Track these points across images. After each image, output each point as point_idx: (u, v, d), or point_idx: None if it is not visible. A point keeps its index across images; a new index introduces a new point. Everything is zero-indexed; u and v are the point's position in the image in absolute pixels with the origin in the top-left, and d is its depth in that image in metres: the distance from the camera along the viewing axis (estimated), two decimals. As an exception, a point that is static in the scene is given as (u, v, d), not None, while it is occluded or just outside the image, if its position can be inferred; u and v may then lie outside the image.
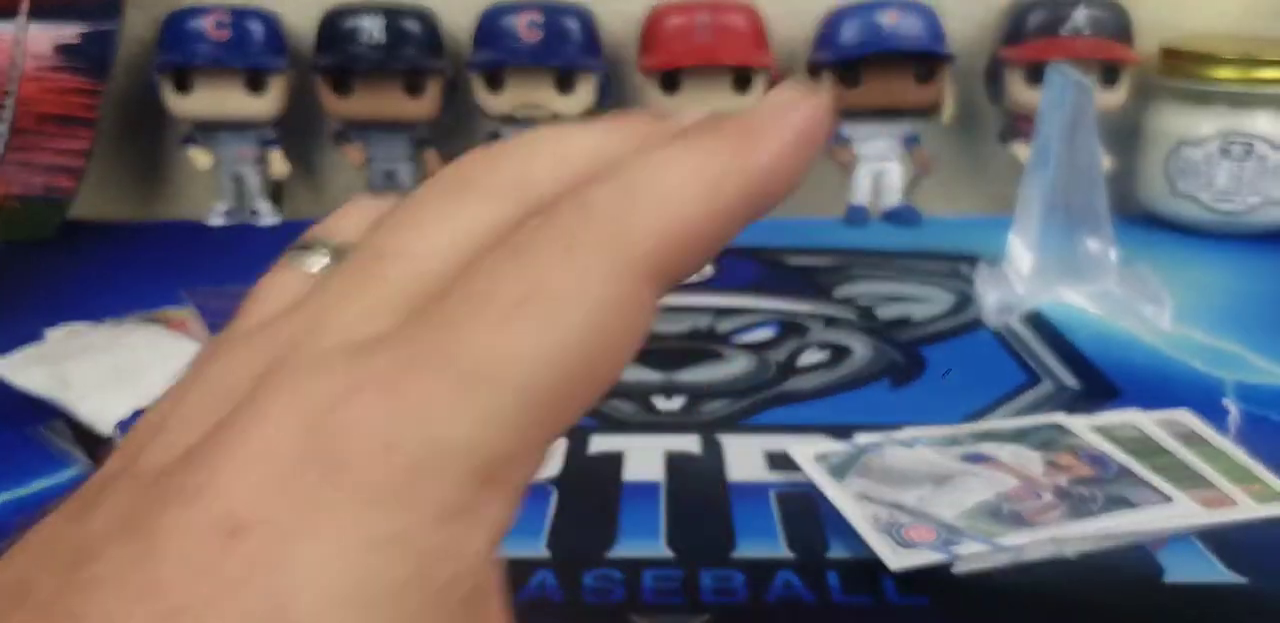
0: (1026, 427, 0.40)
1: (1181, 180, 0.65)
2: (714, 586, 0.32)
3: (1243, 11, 0.73)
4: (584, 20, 0.68)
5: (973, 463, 0.37)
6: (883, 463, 0.37)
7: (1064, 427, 0.39)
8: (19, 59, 0.65)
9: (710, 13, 0.66)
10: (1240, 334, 0.50)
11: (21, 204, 0.66)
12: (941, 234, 0.66)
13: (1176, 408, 0.41)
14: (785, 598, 0.31)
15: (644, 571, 0.32)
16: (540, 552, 0.33)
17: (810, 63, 0.69)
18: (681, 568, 0.33)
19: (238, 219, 0.70)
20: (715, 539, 0.34)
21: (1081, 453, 0.37)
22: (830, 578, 0.32)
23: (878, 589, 0.31)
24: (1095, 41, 0.67)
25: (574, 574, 0.32)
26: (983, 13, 0.72)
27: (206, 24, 0.66)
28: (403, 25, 0.67)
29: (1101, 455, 0.37)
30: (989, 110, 0.73)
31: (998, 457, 0.37)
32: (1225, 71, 0.63)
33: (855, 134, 0.69)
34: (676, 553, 0.33)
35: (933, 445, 0.38)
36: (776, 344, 0.50)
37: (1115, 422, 0.40)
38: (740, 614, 0.31)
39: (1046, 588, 0.32)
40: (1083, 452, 0.37)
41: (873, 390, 0.46)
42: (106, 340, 0.44)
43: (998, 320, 0.52)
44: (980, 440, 0.38)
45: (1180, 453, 0.37)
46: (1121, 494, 0.35)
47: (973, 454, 0.37)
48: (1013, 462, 0.37)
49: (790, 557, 0.33)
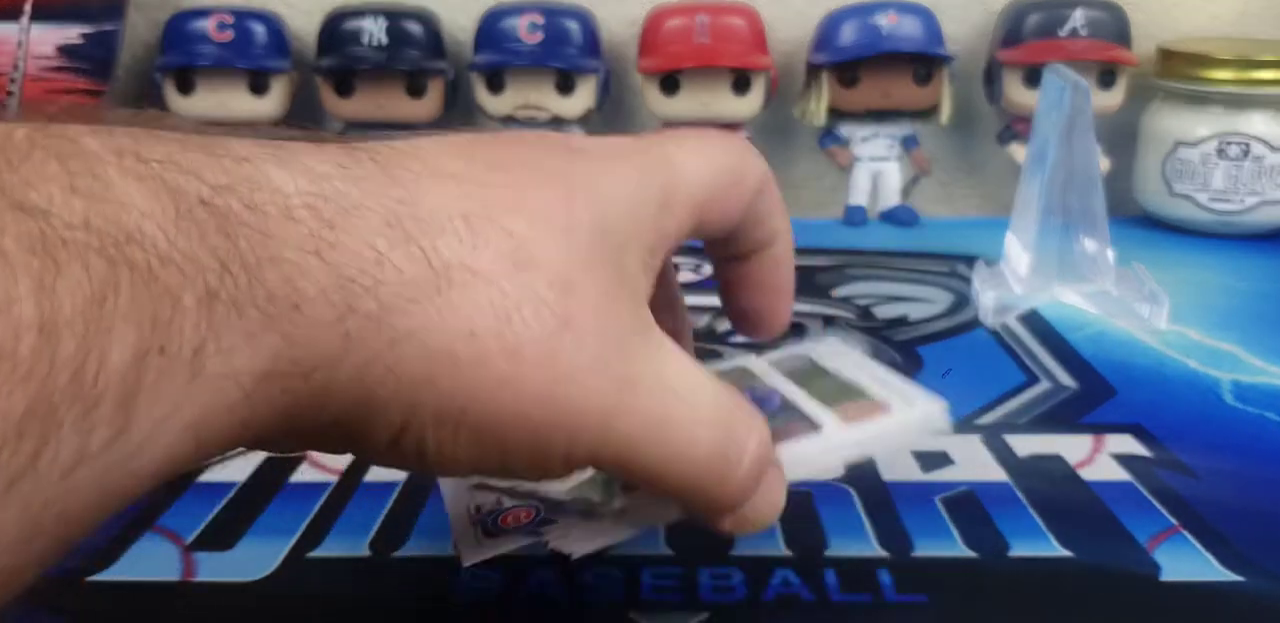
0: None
1: (1178, 181, 0.65)
2: (712, 584, 0.32)
3: (1239, 14, 0.73)
4: (584, 22, 0.68)
5: None
6: None
7: (748, 369, 0.35)
8: (22, 60, 0.65)
9: (710, 14, 0.67)
10: (1237, 334, 0.50)
11: (24, 205, 0.66)
12: (939, 234, 0.66)
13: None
14: (783, 596, 0.31)
15: (643, 569, 0.33)
16: (540, 550, 0.33)
17: (809, 64, 0.69)
18: (680, 566, 0.33)
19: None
20: (714, 537, 0.34)
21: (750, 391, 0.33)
22: (828, 576, 0.32)
23: (876, 588, 0.32)
24: (1092, 43, 0.67)
25: (574, 572, 0.32)
26: (980, 14, 0.72)
27: (209, 25, 0.67)
28: (404, 27, 0.67)
29: (771, 392, 0.33)
30: (987, 111, 0.73)
31: None
32: (1222, 73, 0.63)
33: (854, 135, 0.70)
34: (675, 551, 0.34)
35: None
36: (775, 344, 0.50)
37: (788, 354, 0.36)
38: (738, 612, 0.31)
39: (1043, 587, 0.32)
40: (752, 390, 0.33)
41: (871, 390, 0.46)
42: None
43: (995, 320, 0.52)
44: None
45: (840, 374, 0.33)
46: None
47: None
48: None
49: (788, 555, 0.33)
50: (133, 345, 0.16)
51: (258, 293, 0.18)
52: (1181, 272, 0.58)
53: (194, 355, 0.17)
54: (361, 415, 0.20)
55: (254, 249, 0.18)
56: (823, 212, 0.75)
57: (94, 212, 0.17)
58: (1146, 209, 0.68)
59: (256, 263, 0.18)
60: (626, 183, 0.24)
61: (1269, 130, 0.63)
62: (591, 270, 0.22)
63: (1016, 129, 0.69)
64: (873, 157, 0.70)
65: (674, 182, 0.25)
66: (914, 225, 0.68)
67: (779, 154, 0.75)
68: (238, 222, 0.18)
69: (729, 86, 0.67)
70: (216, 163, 0.19)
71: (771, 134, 0.74)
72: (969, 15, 0.73)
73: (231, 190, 0.18)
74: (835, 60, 0.67)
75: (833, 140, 0.70)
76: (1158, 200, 0.66)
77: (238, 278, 0.18)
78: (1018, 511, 0.36)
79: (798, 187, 0.76)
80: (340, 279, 0.19)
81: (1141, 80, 0.68)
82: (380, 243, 0.20)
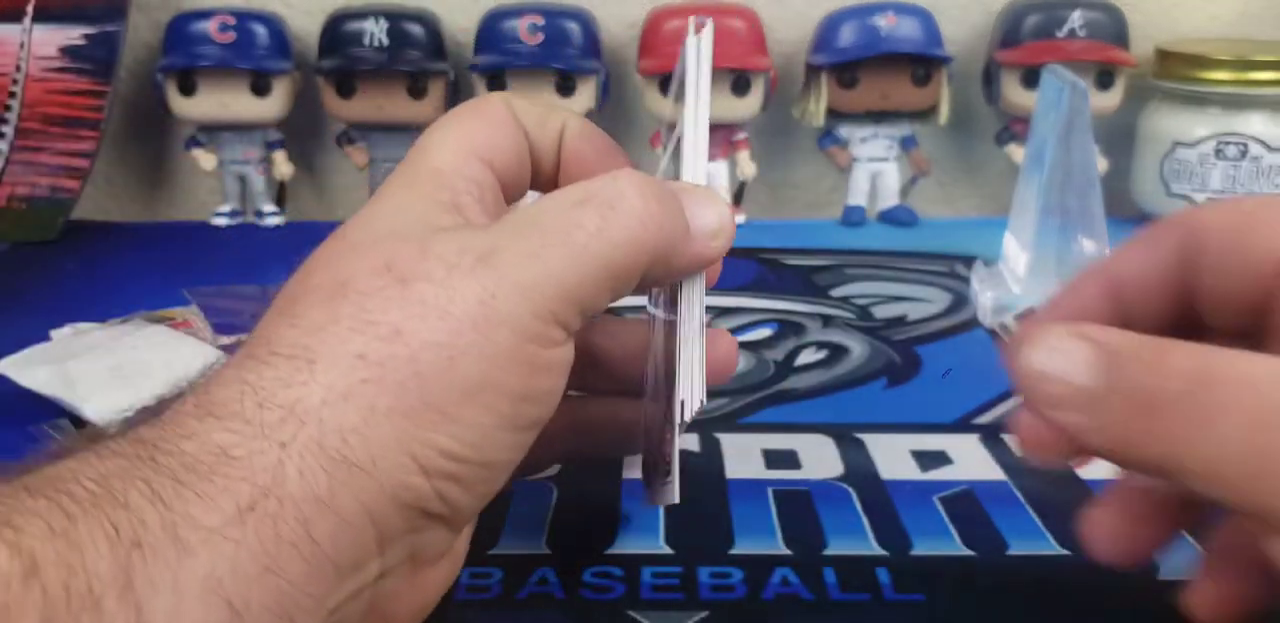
0: None
1: (1176, 181, 0.65)
2: (712, 582, 0.32)
3: (1237, 14, 0.73)
4: (584, 23, 0.68)
5: None
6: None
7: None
8: (24, 61, 0.65)
9: (709, 16, 0.67)
10: (1233, 334, 0.50)
11: (26, 205, 0.66)
12: (938, 235, 0.66)
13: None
14: (783, 595, 0.31)
15: (643, 567, 0.33)
16: (540, 549, 0.34)
17: (808, 65, 0.69)
18: (680, 565, 0.33)
19: (241, 220, 0.70)
20: (714, 536, 0.34)
21: None
22: (827, 575, 0.32)
23: (875, 586, 0.32)
24: (1090, 44, 0.67)
25: (574, 571, 0.32)
26: (979, 16, 0.73)
27: (211, 26, 0.67)
28: (405, 28, 0.67)
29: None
30: (985, 112, 0.73)
31: None
32: (1219, 74, 0.63)
33: (852, 136, 0.70)
34: (675, 550, 0.34)
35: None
36: (774, 343, 0.50)
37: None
38: (738, 611, 0.31)
39: (1042, 585, 0.32)
40: None
41: (869, 389, 0.46)
42: (111, 340, 0.45)
43: (993, 320, 0.52)
44: None
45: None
46: None
47: None
48: None
49: (788, 554, 0.33)
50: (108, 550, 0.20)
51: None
52: (1179, 272, 0.58)
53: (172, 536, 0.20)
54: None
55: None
56: (822, 212, 0.75)
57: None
58: (1144, 209, 0.68)
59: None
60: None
61: (1267, 131, 0.63)
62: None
63: (1015, 130, 0.69)
64: (871, 157, 0.70)
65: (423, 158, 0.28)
66: (913, 226, 0.69)
67: (778, 155, 0.75)
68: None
69: (729, 88, 0.67)
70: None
71: (771, 135, 0.74)
72: (967, 16, 0.73)
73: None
74: (834, 61, 0.67)
75: (832, 141, 0.70)
76: (1155, 201, 0.66)
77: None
78: (1016, 510, 0.36)
79: (797, 187, 0.76)
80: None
81: (1139, 81, 0.68)
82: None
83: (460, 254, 0.24)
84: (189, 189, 0.76)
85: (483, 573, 0.32)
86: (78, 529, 0.20)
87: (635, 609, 0.31)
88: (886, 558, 0.33)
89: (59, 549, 0.19)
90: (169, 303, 0.50)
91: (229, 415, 0.22)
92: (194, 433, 0.22)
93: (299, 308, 0.24)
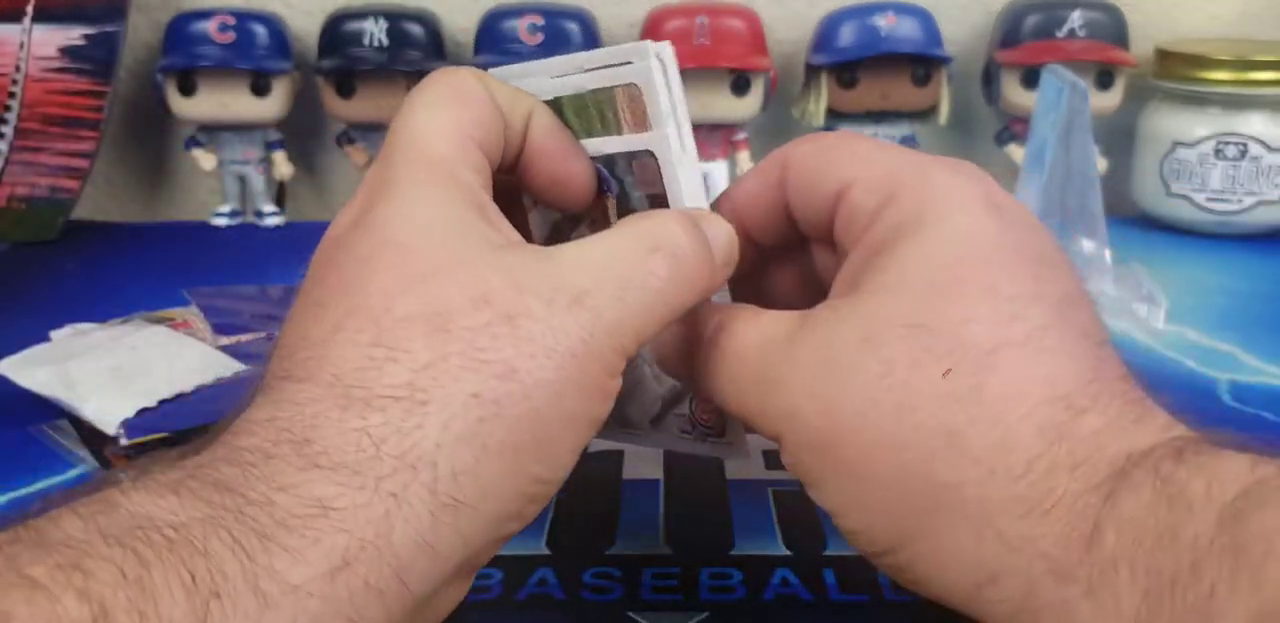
0: None
1: (1176, 181, 0.65)
2: (712, 583, 0.32)
3: (1237, 14, 0.73)
4: (584, 23, 0.68)
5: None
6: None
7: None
8: (24, 61, 0.65)
9: (709, 16, 0.67)
10: (1234, 334, 0.50)
11: (26, 205, 0.66)
12: (939, 235, 0.66)
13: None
14: (783, 596, 0.32)
15: (643, 568, 0.33)
16: (540, 549, 0.34)
17: (808, 65, 0.69)
18: (680, 566, 0.33)
19: (241, 220, 0.70)
20: (714, 537, 0.35)
21: None
22: (827, 576, 0.32)
23: (875, 587, 0.32)
24: (1090, 44, 0.67)
25: (574, 572, 0.33)
26: (979, 16, 0.73)
27: (210, 26, 0.67)
28: (405, 28, 0.67)
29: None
30: (985, 112, 0.73)
31: None
32: (1219, 74, 0.63)
33: (853, 136, 0.70)
34: (675, 551, 0.34)
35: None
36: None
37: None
38: (738, 612, 0.31)
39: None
40: None
41: (870, 390, 0.46)
42: (110, 340, 0.45)
43: (994, 321, 0.52)
44: None
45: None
46: None
47: None
48: None
49: (788, 554, 0.34)
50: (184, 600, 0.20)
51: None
52: (1179, 272, 0.58)
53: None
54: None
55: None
56: (822, 212, 0.75)
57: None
58: (1144, 209, 0.68)
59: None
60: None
61: (1266, 131, 0.63)
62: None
63: (1014, 130, 0.69)
64: (872, 157, 0.70)
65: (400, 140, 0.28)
66: (913, 226, 0.68)
67: (778, 155, 0.75)
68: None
69: (728, 88, 0.67)
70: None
71: (771, 135, 0.74)
72: (967, 16, 0.73)
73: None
74: (834, 61, 0.67)
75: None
76: (1155, 200, 0.66)
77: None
78: (1015, 510, 0.36)
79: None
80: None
81: (1139, 81, 0.68)
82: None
83: (554, 291, 0.25)
84: (189, 189, 0.76)
85: (483, 574, 0.32)
86: (152, 577, 0.19)
87: (635, 610, 0.31)
88: (886, 559, 0.33)
89: (131, 596, 0.19)
90: (169, 303, 0.50)
91: (335, 467, 0.22)
92: (292, 485, 0.22)
93: (393, 340, 0.24)
